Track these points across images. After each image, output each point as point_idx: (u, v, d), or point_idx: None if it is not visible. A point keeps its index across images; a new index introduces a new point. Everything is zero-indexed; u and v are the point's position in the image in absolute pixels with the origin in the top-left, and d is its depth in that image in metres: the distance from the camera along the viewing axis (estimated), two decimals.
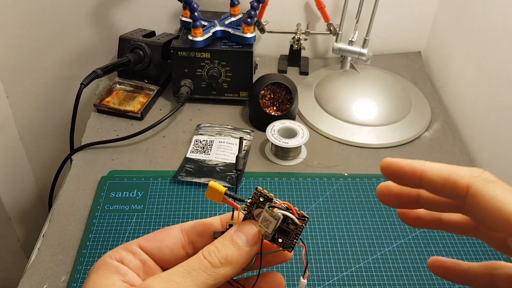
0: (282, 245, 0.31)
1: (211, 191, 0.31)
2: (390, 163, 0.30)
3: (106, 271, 0.29)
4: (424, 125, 0.81)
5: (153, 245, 0.31)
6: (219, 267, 0.28)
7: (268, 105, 0.78)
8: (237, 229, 0.30)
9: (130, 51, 0.83)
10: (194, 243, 0.32)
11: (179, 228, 0.32)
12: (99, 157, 0.73)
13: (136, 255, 0.31)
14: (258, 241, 0.30)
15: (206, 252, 0.29)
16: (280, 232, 0.31)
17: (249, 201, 0.31)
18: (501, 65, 0.73)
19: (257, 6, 0.79)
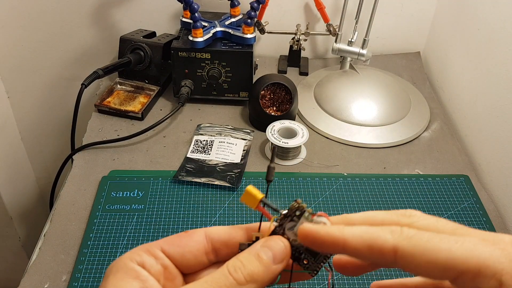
0: (307, 267, 0.29)
1: (248, 196, 0.30)
2: (307, 233, 0.28)
3: (126, 276, 0.27)
4: (423, 125, 0.81)
5: (176, 250, 0.30)
6: (244, 284, 0.27)
7: (268, 105, 0.79)
8: (263, 244, 0.29)
9: (131, 51, 0.83)
10: (217, 251, 0.31)
11: (203, 233, 0.31)
12: (100, 157, 0.73)
13: (159, 259, 0.29)
14: (285, 258, 0.29)
15: (231, 268, 0.27)
16: (308, 252, 0.29)
17: (284, 212, 0.30)
18: (500, 65, 0.73)
19: (257, 7, 0.79)
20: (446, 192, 0.69)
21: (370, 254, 0.26)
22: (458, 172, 0.73)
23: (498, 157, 0.73)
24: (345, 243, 0.26)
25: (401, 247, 0.25)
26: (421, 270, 0.25)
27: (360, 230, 0.27)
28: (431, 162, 0.75)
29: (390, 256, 0.25)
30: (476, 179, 0.72)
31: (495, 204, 0.70)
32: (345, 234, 0.26)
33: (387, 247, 0.25)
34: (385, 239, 0.25)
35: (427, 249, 0.24)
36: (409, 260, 0.25)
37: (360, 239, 0.26)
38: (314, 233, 0.27)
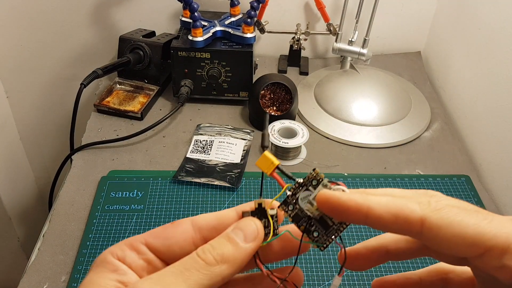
0: (316, 239, 0.28)
1: (264, 160, 0.29)
2: (328, 197, 0.26)
3: (104, 269, 0.27)
4: (423, 125, 0.81)
5: (162, 243, 0.28)
6: (214, 265, 0.26)
7: (268, 105, 0.79)
8: (234, 226, 0.28)
9: (130, 51, 0.83)
10: (207, 239, 0.29)
11: (189, 222, 0.29)
12: (99, 157, 0.73)
13: (141, 254, 0.28)
14: (257, 237, 0.28)
15: (200, 250, 0.26)
16: (320, 224, 0.28)
17: (299, 181, 0.29)
18: (500, 64, 0.73)
19: (257, 6, 0.79)
20: (447, 192, 0.68)
21: (395, 224, 0.25)
22: (459, 172, 0.73)
23: (499, 157, 0.72)
24: (369, 210, 0.25)
25: (429, 218, 0.24)
26: (447, 245, 0.24)
27: (386, 198, 0.25)
28: (432, 162, 0.74)
29: (417, 226, 0.24)
30: (477, 179, 0.71)
31: (496, 204, 0.70)
32: (370, 200, 0.25)
33: (414, 217, 0.24)
34: (412, 208, 0.24)
35: (455, 222, 0.24)
36: (436, 233, 0.24)
37: (385, 207, 0.25)
38: (335, 198, 0.26)
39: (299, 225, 0.28)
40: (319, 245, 0.28)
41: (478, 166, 0.77)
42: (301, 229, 0.28)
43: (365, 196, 0.26)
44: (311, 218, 0.28)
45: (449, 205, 0.25)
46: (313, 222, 0.28)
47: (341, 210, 0.26)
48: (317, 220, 0.28)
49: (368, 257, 0.30)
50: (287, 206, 0.29)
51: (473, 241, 0.23)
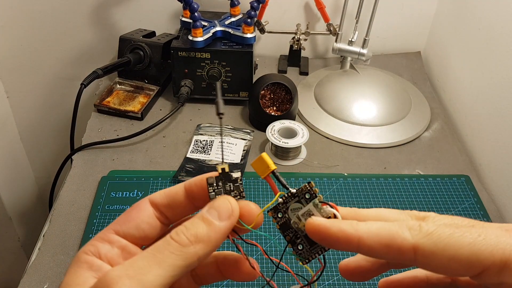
0: (299, 253, 0.28)
1: (260, 163, 0.28)
2: (317, 228, 0.26)
3: (79, 269, 0.27)
4: (423, 125, 0.81)
5: (129, 226, 0.29)
6: (189, 245, 0.25)
7: (268, 105, 0.79)
8: (209, 206, 0.28)
9: (131, 51, 0.83)
10: (166, 214, 0.30)
11: (147, 201, 0.30)
12: (99, 157, 0.73)
13: (113, 243, 0.28)
14: (232, 215, 0.27)
15: (173, 232, 0.26)
16: (306, 238, 0.27)
17: (293, 191, 0.28)
18: (500, 65, 0.73)
19: (257, 7, 0.79)
20: (446, 192, 0.68)
21: (387, 254, 0.24)
22: (458, 172, 0.73)
23: (499, 157, 0.72)
24: (360, 242, 0.24)
25: (421, 245, 0.23)
26: (444, 268, 0.23)
27: (376, 226, 0.25)
28: (432, 162, 0.74)
29: (410, 255, 0.24)
30: (476, 179, 0.71)
31: (496, 204, 0.70)
32: (360, 231, 0.25)
33: (406, 246, 0.24)
34: (404, 237, 0.24)
35: (448, 245, 0.23)
36: (430, 259, 0.23)
37: (376, 237, 0.24)
38: (324, 228, 0.25)
39: (285, 235, 0.28)
40: (301, 259, 0.28)
41: (478, 166, 0.77)
42: (287, 239, 0.28)
43: (355, 225, 0.25)
44: (297, 231, 0.28)
45: (442, 225, 0.24)
46: (299, 235, 0.28)
47: (331, 241, 0.25)
48: (304, 234, 0.27)
49: (369, 269, 0.30)
50: (276, 213, 0.29)
51: (469, 263, 0.23)
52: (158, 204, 0.30)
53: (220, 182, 0.29)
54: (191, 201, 0.29)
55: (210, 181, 0.28)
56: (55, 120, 1.11)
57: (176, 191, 0.30)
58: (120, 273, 0.24)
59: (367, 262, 0.30)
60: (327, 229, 0.25)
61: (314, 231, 0.26)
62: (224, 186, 0.29)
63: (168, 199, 0.29)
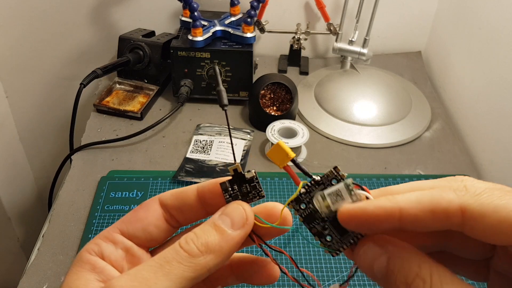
0: (329, 244, 0.25)
1: (277, 152, 0.26)
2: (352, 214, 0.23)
3: (81, 270, 0.25)
4: (424, 125, 0.81)
5: (136, 227, 0.27)
6: (199, 256, 0.23)
7: (268, 105, 0.78)
8: (221, 212, 0.26)
9: (130, 51, 0.83)
10: (175, 217, 0.28)
11: (157, 201, 0.28)
12: (98, 157, 0.73)
13: (118, 243, 0.27)
14: (246, 223, 0.25)
15: (183, 240, 0.24)
16: (335, 228, 0.25)
17: (317, 178, 0.26)
18: (501, 64, 0.73)
19: (257, 6, 0.79)
20: None
21: (433, 220, 0.22)
22: (459, 172, 0.72)
23: (500, 157, 0.72)
24: (402, 213, 0.22)
25: (470, 206, 0.21)
26: (493, 233, 0.21)
27: (415, 195, 0.23)
28: (433, 162, 0.74)
29: (457, 218, 0.22)
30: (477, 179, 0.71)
31: None
32: (400, 202, 0.22)
33: (453, 208, 0.21)
34: (449, 199, 0.22)
35: (500, 206, 0.21)
36: (479, 221, 0.21)
37: (418, 204, 0.22)
38: (360, 211, 0.23)
39: (310, 227, 0.26)
40: (331, 251, 0.25)
41: (479, 166, 0.77)
42: (313, 232, 0.26)
43: (393, 198, 0.23)
44: (325, 221, 0.25)
45: (488, 187, 0.22)
46: (326, 226, 0.25)
47: (370, 223, 0.23)
48: (331, 223, 0.25)
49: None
50: (299, 205, 0.26)
51: None
52: (168, 206, 0.28)
53: (234, 185, 0.27)
54: (203, 206, 0.28)
55: (223, 187, 0.27)
56: (54, 120, 1.11)
57: (188, 194, 0.28)
58: (125, 284, 0.23)
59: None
60: (363, 211, 0.23)
61: (349, 218, 0.24)
62: (240, 188, 0.27)
63: (178, 202, 0.28)
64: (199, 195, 0.28)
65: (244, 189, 0.27)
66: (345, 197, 0.24)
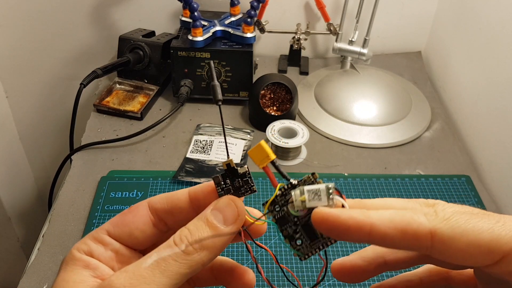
0: (298, 248, 0.26)
1: (258, 152, 0.26)
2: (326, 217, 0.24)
3: (75, 267, 0.26)
4: (424, 125, 0.81)
5: (123, 230, 0.28)
6: (193, 253, 0.24)
7: (268, 105, 0.78)
8: (213, 207, 0.26)
9: (130, 51, 0.83)
10: (165, 220, 0.29)
11: (146, 205, 0.29)
12: (99, 157, 0.73)
13: (107, 245, 0.27)
14: (237, 219, 0.26)
15: (177, 237, 0.25)
16: (306, 233, 0.25)
17: (294, 182, 0.26)
18: (501, 64, 0.73)
19: (257, 6, 0.79)
20: (447, 193, 0.68)
21: (402, 240, 0.23)
22: (459, 172, 0.72)
23: (499, 157, 0.72)
24: (372, 228, 0.23)
25: (439, 230, 0.22)
26: (461, 256, 0.22)
27: (388, 213, 0.23)
28: (432, 162, 0.74)
29: (427, 241, 0.22)
30: (477, 179, 0.71)
31: (497, 204, 0.70)
32: (372, 218, 0.23)
33: (423, 231, 0.22)
34: (420, 221, 0.22)
35: (467, 230, 0.22)
36: (448, 244, 0.22)
37: (390, 223, 0.23)
38: (334, 217, 0.24)
39: (282, 229, 0.26)
40: (299, 255, 0.26)
41: (479, 166, 0.77)
42: (284, 234, 0.26)
43: (366, 212, 0.24)
44: (297, 224, 0.26)
45: (456, 212, 0.23)
46: (298, 229, 0.26)
47: (340, 230, 0.24)
48: (303, 227, 0.25)
49: (365, 269, 0.28)
50: (273, 206, 0.27)
51: (489, 248, 0.22)
52: (157, 210, 0.29)
53: (227, 179, 0.27)
54: (195, 210, 0.28)
55: (216, 181, 0.27)
56: (54, 120, 1.11)
57: (179, 197, 0.29)
58: (124, 282, 0.23)
59: (363, 262, 0.28)
60: (337, 217, 0.24)
61: (322, 220, 0.24)
62: (232, 183, 0.27)
63: (169, 205, 0.28)
64: (191, 198, 0.28)
65: (237, 183, 0.27)
66: (322, 198, 0.25)
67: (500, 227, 0.22)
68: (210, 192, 0.28)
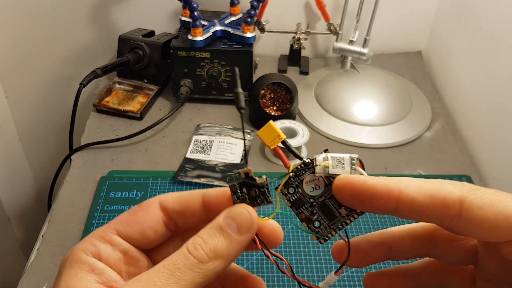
0: (317, 231, 0.25)
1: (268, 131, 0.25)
2: (352, 181, 0.23)
3: (79, 270, 0.24)
4: (424, 125, 0.81)
5: (134, 229, 0.27)
6: (207, 262, 0.24)
7: (268, 105, 0.78)
8: (226, 215, 0.25)
9: (130, 50, 0.82)
10: (175, 220, 0.28)
11: (157, 203, 0.28)
12: (98, 157, 0.73)
13: (116, 245, 0.26)
14: (251, 227, 0.25)
15: (191, 245, 0.24)
16: (323, 213, 0.25)
17: (307, 161, 0.25)
18: (502, 64, 0.72)
19: (257, 6, 0.79)
20: None
21: (431, 207, 0.22)
22: (460, 173, 0.72)
23: (500, 157, 0.72)
24: (401, 193, 0.22)
25: (468, 198, 0.22)
26: (488, 226, 0.22)
27: (416, 180, 0.23)
28: (433, 162, 0.74)
29: (455, 208, 0.22)
30: (478, 179, 0.71)
31: None
32: (401, 183, 0.23)
33: (453, 198, 0.22)
34: (449, 189, 0.23)
35: (494, 201, 0.22)
36: (476, 214, 0.22)
37: (419, 188, 0.23)
38: (359, 182, 0.23)
39: (298, 212, 0.26)
40: (319, 237, 0.25)
41: (479, 166, 0.76)
42: (301, 217, 0.26)
43: (395, 179, 0.23)
44: (313, 206, 0.25)
45: (483, 187, 0.23)
46: (315, 210, 0.25)
47: (367, 196, 0.23)
48: (320, 207, 0.25)
49: (369, 253, 0.28)
50: (287, 189, 0.26)
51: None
52: (169, 209, 0.28)
53: (244, 187, 0.26)
54: (206, 213, 0.28)
55: (233, 189, 0.27)
56: (54, 120, 1.11)
57: (192, 199, 0.28)
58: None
59: (368, 245, 0.28)
60: (363, 182, 0.23)
61: (347, 184, 0.23)
62: (249, 192, 0.27)
63: (181, 206, 0.28)
64: (205, 202, 0.28)
65: (253, 193, 0.27)
66: (346, 167, 0.24)
67: None
68: (224, 199, 0.27)
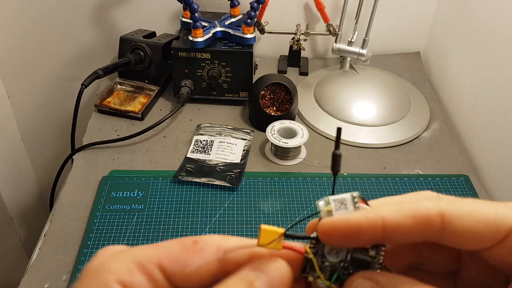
0: None
1: (266, 235, 0.23)
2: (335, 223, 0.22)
3: None
4: (423, 125, 0.81)
5: (179, 270, 0.22)
6: None
7: (268, 105, 0.79)
8: (255, 267, 0.22)
9: (131, 51, 0.83)
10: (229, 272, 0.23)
11: (215, 250, 0.23)
12: (100, 157, 0.73)
13: (154, 281, 0.22)
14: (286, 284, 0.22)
15: None
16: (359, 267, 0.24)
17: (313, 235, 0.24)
18: (500, 65, 0.73)
19: (257, 7, 0.79)
20: (446, 192, 0.69)
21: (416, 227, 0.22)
22: (458, 172, 0.73)
23: (498, 157, 0.73)
24: (385, 221, 0.22)
25: (448, 211, 0.22)
26: (470, 235, 0.22)
27: (393, 206, 0.23)
28: (431, 162, 0.75)
29: (437, 222, 0.22)
30: (476, 179, 0.72)
31: None
32: (381, 212, 0.22)
33: (432, 213, 0.22)
34: (427, 206, 0.22)
35: (473, 210, 0.22)
36: (458, 224, 0.22)
37: (399, 211, 0.22)
38: (343, 222, 0.22)
39: (342, 280, 0.24)
40: None
41: (477, 166, 0.77)
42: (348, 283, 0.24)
43: (373, 209, 0.23)
44: (347, 268, 0.24)
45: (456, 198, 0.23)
46: (352, 270, 0.24)
47: (353, 233, 0.22)
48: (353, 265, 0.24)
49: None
50: (319, 271, 0.24)
51: (496, 225, 0.22)
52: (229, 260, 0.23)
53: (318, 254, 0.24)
54: None
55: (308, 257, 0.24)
56: (56, 120, 1.11)
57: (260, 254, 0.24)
58: None
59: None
60: (346, 221, 0.22)
61: (332, 228, 0.23)
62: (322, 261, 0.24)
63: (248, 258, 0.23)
64: None
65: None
66: (349, 207, 0.24)
67: (503, 207, 0.23)
68: None
